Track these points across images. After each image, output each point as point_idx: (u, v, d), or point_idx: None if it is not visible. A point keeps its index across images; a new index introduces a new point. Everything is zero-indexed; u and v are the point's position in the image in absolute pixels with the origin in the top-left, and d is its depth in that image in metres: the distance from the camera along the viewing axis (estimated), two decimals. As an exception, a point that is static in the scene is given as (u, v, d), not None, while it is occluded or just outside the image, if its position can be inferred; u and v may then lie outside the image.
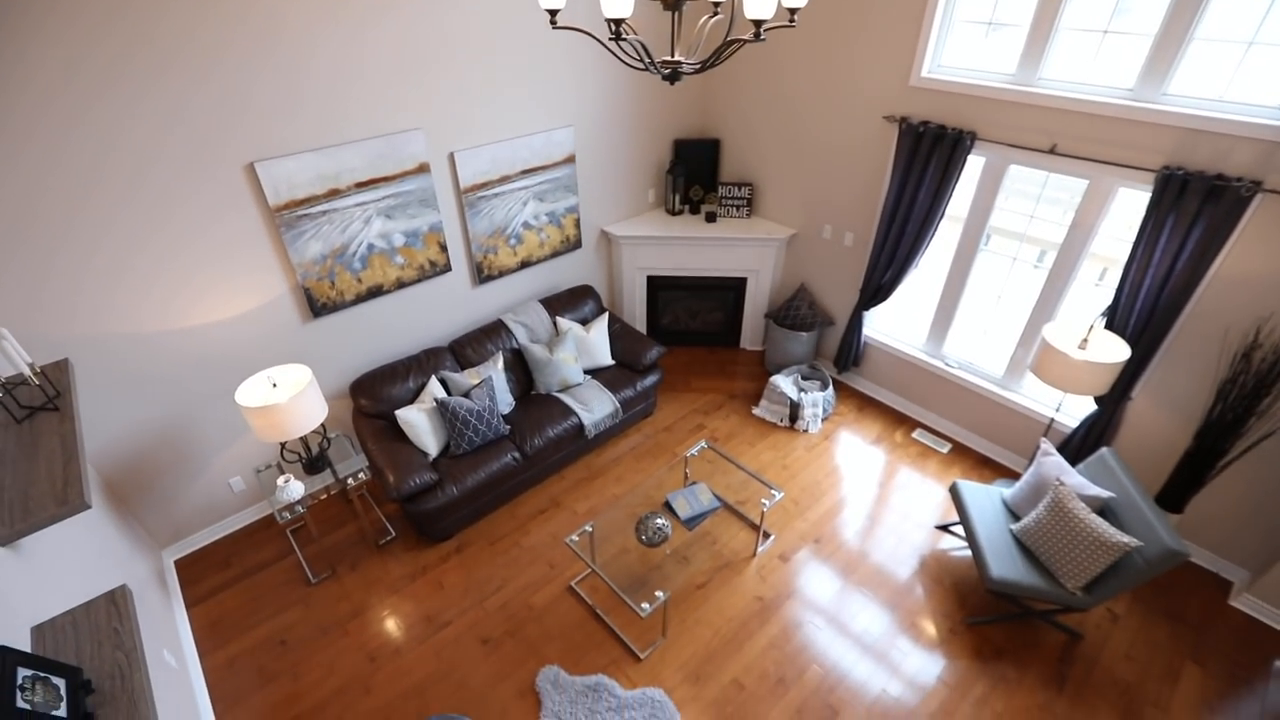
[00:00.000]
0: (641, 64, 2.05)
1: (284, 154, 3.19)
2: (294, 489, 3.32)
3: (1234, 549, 3.44)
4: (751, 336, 5.54)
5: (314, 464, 3.54)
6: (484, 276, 4.37)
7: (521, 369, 4.38)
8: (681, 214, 5.23)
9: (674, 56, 2.00)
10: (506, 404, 4.17)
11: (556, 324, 4.57)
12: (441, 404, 3.72)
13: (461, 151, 3.85)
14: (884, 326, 4.80)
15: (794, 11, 1.93)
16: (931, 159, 3.75)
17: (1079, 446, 3.72)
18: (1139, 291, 3.19)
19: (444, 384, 4.00)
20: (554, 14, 1.93)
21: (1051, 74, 3.32)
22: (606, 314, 4.74)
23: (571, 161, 4.46)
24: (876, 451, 4.49)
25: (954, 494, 3.51)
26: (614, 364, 4.62)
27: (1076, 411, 3.83)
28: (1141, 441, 3.58)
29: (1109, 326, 3.36)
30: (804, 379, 4.93)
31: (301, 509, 3.36)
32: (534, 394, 4.37)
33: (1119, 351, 3.13)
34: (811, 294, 5.07)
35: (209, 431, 3.60)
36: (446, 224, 4.02)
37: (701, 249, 5.00)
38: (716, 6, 2.00)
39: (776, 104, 4.60)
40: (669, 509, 3.58)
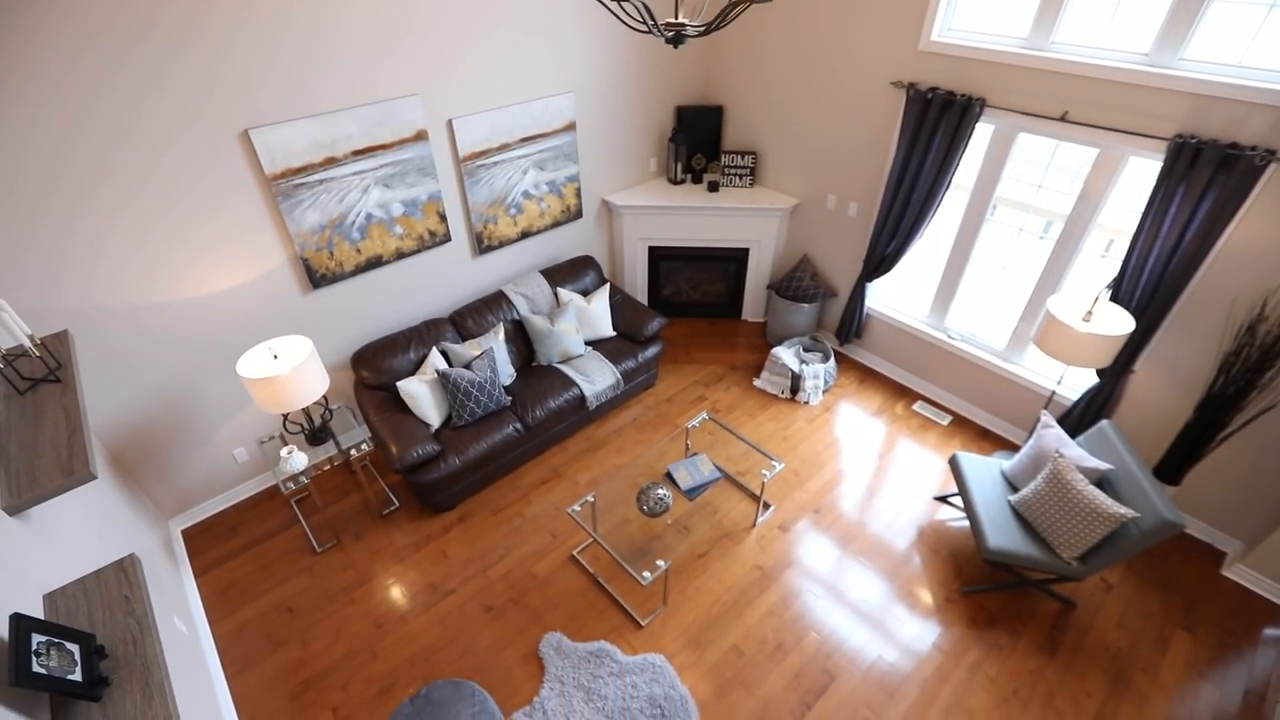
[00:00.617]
0: (644, 26, 1.99)
1: (279, 121, 3.13)
2: (297, 460, 3.34)
3: (1229, 520, 3.48)
4: (753, 308, 5.51)
5: (316, 435, 3.55)
6: (484, 247, 4.33)
7: (522, 340, 4.37)
8: (683, 183, 5.15)
9: (678, 18, 1.94)
10: (508, 375, 4.17)
11: (557, 295, 4.54)
12: (443, 375, 3.72)
13: (460, 118, 3.77)
14: (887, 298, 4.77)
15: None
16: (939, 127, 3.67)
17: (1079, 419, 3.73)
18: (1146, 263, 3.16)
19: (445, 355, 3.99)
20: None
21: (1065, 38, 3.24)
22: (608, 285, 4.71)
23: (572, 129, 4.37)
24: (877, 423, 4.50)
25: (953, 465, 3.53)
26: (615, 335, 4.61)
27: (1077, 384, 3.83)
28: (1142, 414, 3.58)
29: (1114, 298, 3.34)
30: (805, 351, 4.93)
31: (305, 480, 3.39)
32: (535, 365, 4.37)
33: (1123, 324, 3.11)
34: (814, 265, 5.02)
35: (212, 403, 3.61)
36: (445, 193, 3.96)
37: (704, 219, 4.94)
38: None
39: (782, 69, 4.49)
40: (670, 480, 3.61)
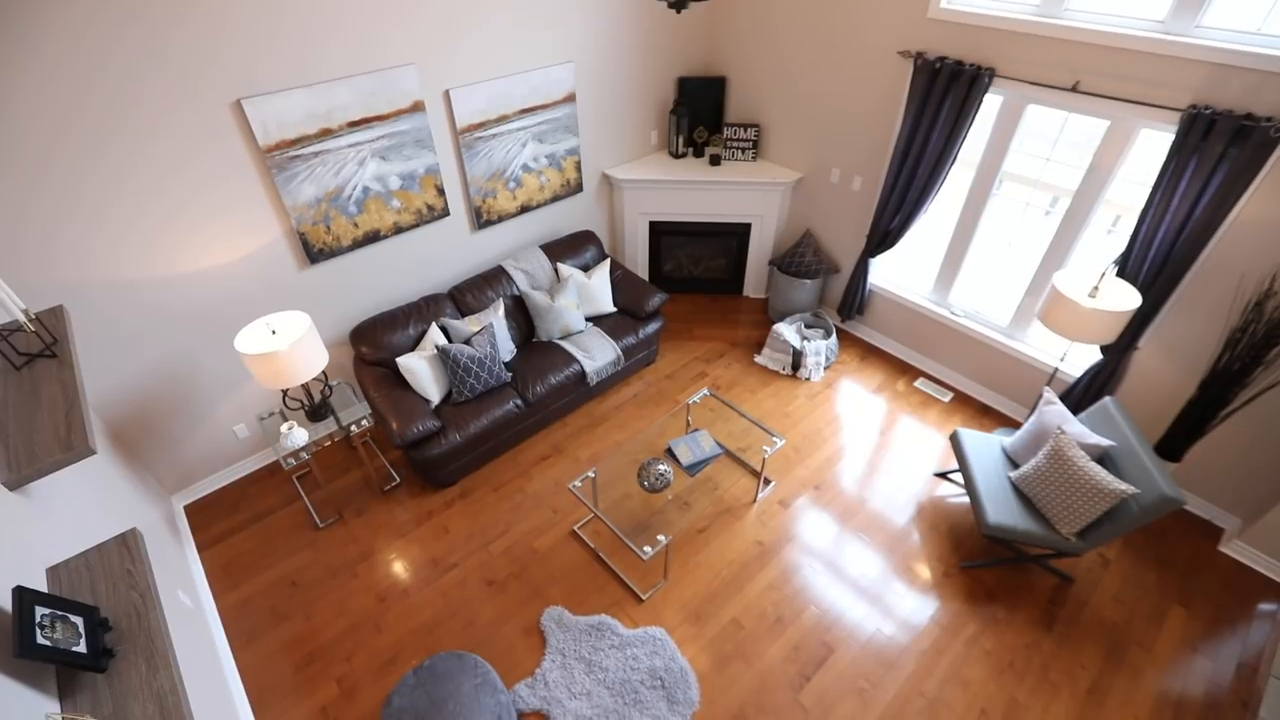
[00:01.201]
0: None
1: (272, 90, 3.06)
2: (297, 436, 3.33)
3: (1228, 497, 3.49)
4: (755, 284, 5.47)
5: (317, 411, 3.54)
6: (483, 221, 4.27)
7: (523, 316, 4.34)
8: (685, 157, 5.07)
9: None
10: (508, 351, 4.15)
11: (558, 270, 4.50)
12: (443, 351, 3.70)
13: (457, 89, 3.69)
14: (889, 274, 4.73)
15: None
16: (947, 98, 3.60)
17: (1081, 396, 3.72)
18: (1154, 238, 3.11)
19: (445, 331, 3.97)
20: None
21: (1079, 4, 3.15)
22: (608, 260, 4.66)
23: (572, 100, 4.29)
24: (878, 400, 4.50)
25: (954, 442, 3.53)
26: (616, 311, 4.58)
27: (1080, 361, 3.81)
28: (1145, 391, 3.57)
29: (1121, 274, 3.30)
30: (807, 327, 4.90)
31: (306, 456, 3.39)
32: (535, 341, 4.35)
33: (1130, 300, 3.08)
34: (817, 240, 4.97)
35: (211, 379, 3.60)
36: (443, 166, 3.89)
37: (705, 193, 4.87)
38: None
39: (787, 38, 4.38)
40: (671, 455, 3.61)
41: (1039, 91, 3.35)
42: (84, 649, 1.59)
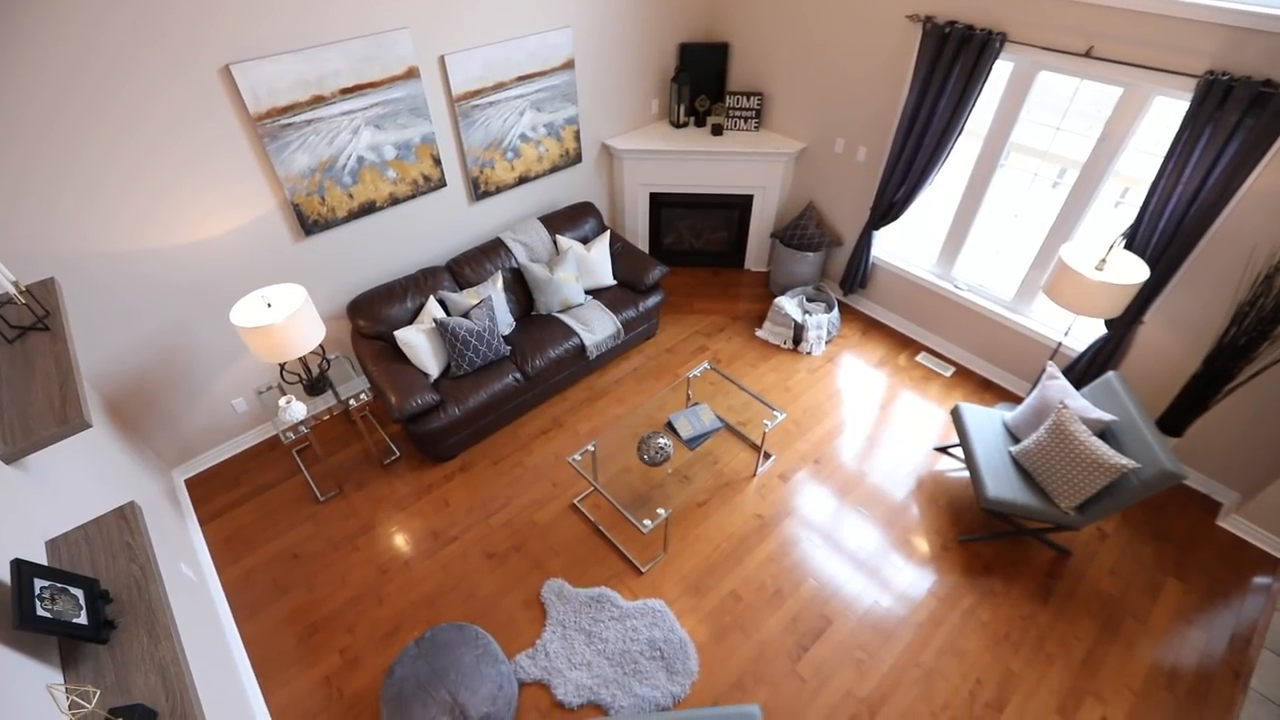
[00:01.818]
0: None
1: (261, 55, 2.97)
2: (296, 410, 3.32)
3: (1228, 472, 3.49)
4: (756, 257, 5.40)
5: (315, 385, 3.53)
6: (481, 193, 4.20)
7: (521, 289, 4.30)
8: (686, 126, 4.96)
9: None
10: (507, 324, 4.12)
11: (557, 242, 4.44)
12: (441, 324, 3.67)
13: (452, 55, 3.59)
14: (893, 247, 4.67)
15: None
16: (955, 64, 3.50)
17: (1084, 370, 3.70)
18: (1164, 209, 3.05)
19: (443, 304, 3.93)
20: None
21: (1095, -34, 3.04)
22: (608, 232, 4.60)
23: (570, 67, 4.18)
24: (879, 374, 4.48)
25: (955, 416, 3.52)
26: (616, 284, 4.53)
27: (1084, 336, 3.78)
28: (1148, 365, 3.55)
29: (1129, 247, 3.25)
30: (809, 301, 4.85)
31: (305, 430, 3.38)
32: (534, 314, 4.31)
33: (1137, 272, 3.03)
34: (819, 213, 4.89)
35: (209, 352, 3.57)
36: (439, 135, 3.81)
37: (707, 164, 4.78)
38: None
39: (793, 1, 4.25)
40: (671, 429, 3.60)
41: (1051, 57, 3.25)
42: (85, 620, 1.59)
